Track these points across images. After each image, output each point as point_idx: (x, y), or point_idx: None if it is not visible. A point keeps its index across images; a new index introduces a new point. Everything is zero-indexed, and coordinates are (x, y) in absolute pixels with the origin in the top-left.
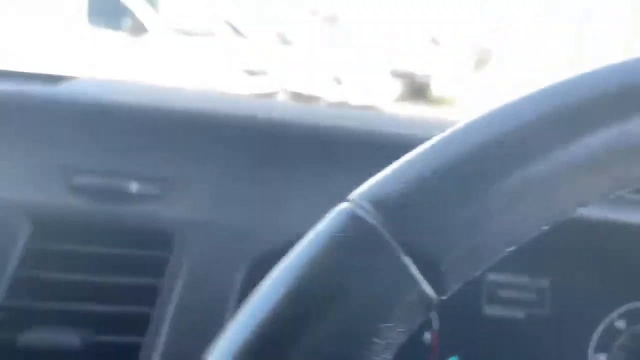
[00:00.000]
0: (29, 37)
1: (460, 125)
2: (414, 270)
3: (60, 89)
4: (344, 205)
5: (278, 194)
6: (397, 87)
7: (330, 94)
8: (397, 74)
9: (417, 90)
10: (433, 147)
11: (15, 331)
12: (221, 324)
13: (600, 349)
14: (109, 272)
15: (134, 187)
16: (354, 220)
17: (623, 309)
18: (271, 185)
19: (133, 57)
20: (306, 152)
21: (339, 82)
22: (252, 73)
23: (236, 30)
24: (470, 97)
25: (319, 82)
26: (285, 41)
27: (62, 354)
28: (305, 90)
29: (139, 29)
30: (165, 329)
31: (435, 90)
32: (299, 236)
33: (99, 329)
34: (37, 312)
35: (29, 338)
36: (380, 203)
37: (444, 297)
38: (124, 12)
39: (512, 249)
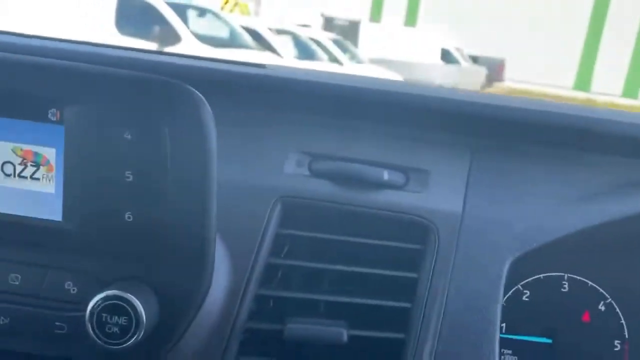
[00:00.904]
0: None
1: None
2: None
3: (293, 78)
4: None
5: (527, 186)
6: None
7: None
8: None
9: None
10: None
11: (279, 321)
12: (492, 322)
13: None
14: (362, 263)
15: (385, 175)
16: None
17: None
18: (519, 177)
19: None
20: (548, 142)
21: None
22: None
23: (265, 42)
24: None
25: None
26: (304, 54)
27: (322, 345)
28: None
29: (167, 37)
30: (432, 326)
31: None
32: (556, 233)
33: (353, 322)
34: (295, 301)
35: (295, 329)
36: None
37: None
38: (153, 19)
39: None
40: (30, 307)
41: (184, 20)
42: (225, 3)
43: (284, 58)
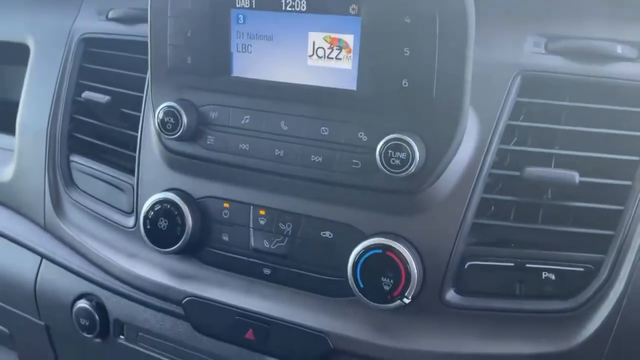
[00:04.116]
0: None
1: None
2: None
3: None
4: None
5: None
6: None
7: None
8: None
9: None
10: None
11: (517, 169)
12: None
13: None
14: (600, 125)
15: (618, 49)
16: None
17: None
18: None
19: None
20: None
21: None
22: None
23: None
24: None
25: None
26: None
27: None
28: None
29: None
30: None
31: None
32: None
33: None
34: (530, 155)
35: (533, 171)
36: None
37: None
38: None
39: None
40: (335, 150)
41: None
42: None
43: None
